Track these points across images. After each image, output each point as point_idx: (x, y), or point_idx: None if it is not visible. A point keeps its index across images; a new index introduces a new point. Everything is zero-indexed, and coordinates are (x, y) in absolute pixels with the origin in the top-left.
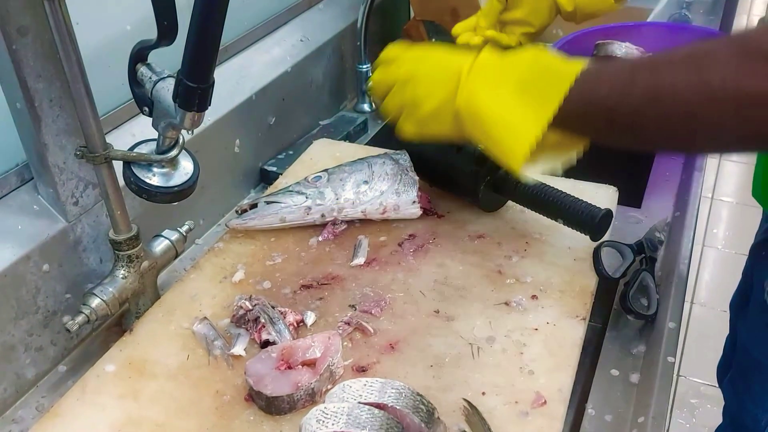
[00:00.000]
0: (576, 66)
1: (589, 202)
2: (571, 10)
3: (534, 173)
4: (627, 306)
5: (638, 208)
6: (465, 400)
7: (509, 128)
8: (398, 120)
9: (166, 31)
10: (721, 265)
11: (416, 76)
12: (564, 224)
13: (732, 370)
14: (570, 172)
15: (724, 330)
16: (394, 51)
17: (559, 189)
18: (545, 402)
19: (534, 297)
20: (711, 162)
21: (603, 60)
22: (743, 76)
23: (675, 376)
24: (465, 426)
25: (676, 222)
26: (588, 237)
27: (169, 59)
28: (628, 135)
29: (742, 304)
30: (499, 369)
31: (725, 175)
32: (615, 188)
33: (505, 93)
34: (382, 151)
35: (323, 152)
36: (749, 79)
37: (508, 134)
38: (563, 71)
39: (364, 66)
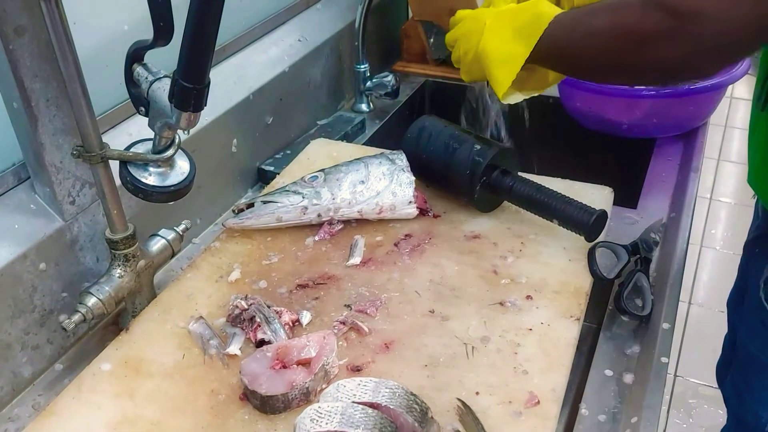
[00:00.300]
0: (552, 13)
1: (584, 203)
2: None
3: (515, 99)
4: (621, 306)
5: (634, 208)
6: (459, 399)
7: (498, 62)
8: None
9: (163, 31)
10: (719, 265)
11: (464, 34)
12: (559, 225)
13: (732, 368)
14: (566, 173)
15: (722, 330)
16: (459, 14)
17: (555, 190)
18: (539, 402)
19: (529, 297)
20: (710, 162)
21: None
22: (641, 18)
23: (672, 376)
24: (459, 425)
25: (671, 223)
26: (583, 238)
27: (164, 59)
28: (575, 67)
29: (738, 301)
30: (493, 369)
31: (724, 176)
32: (611, 189)
33: (505, 37)
34: (378, 151)
35: (320, 152)
36: (644, 21)
37: (497, 67)
38: (542, 18)
39: (362, 66)
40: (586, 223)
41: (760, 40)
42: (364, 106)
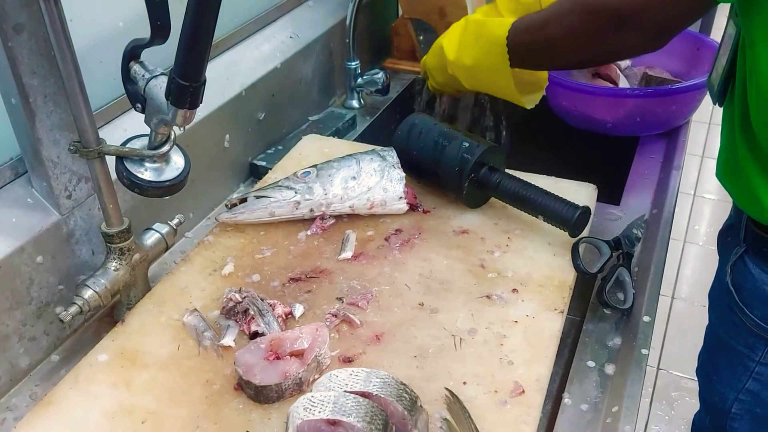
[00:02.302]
0: (500, 31)
1: (568, 199)
2: None
3: (533, 101)
4: (604, 300)
5: (617, 205)
6: (447, 389)
7: (500, 88)
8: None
9: (160, 30)
10: (702, 260)
11: (432, 50)
12: (544, 221)
13: (702, 353)
14: (552, 170)
15: (704, 324)
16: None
17: (540, 187)
18: (523, 391)
19: (515, 291)
20: (693, 159)
21: None
22: (587, 28)
23: (655, 369)
24: (446, 414)
25: (653, 219)
26: (567, 233)
27: (160, 56)
28: (545, 66)
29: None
30: (480, 360)
31: (707, 173)
32: (594, 186)
33: (484, 64)
34: (370, 147)
35: (312, 148)
36: (581, 26)
37: (501, 91)
38: (496, 39)
39: (353, 63)
40: (569, 219)
41: (691, 16)
42: (355, 103)
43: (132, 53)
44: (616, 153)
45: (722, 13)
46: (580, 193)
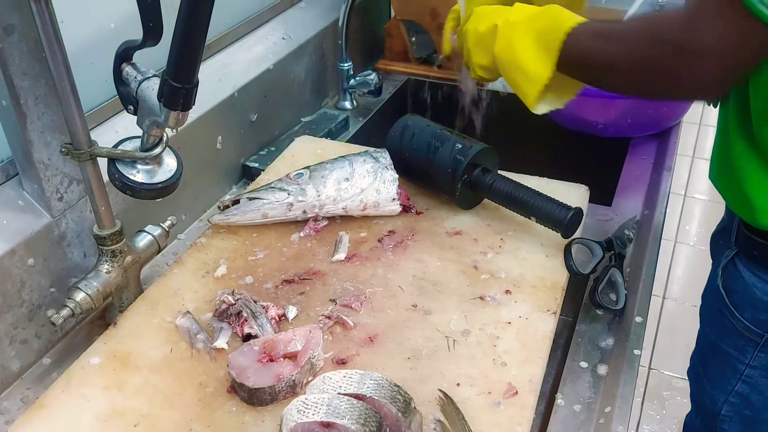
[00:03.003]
0: (568, 23)
1: (560, 200)
2: None
3: (544, 109)
4: (596, 301)
5: (609, 206)
6: (440, 390)
7: (525, 75)
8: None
9: (152, 32)
10: (693, 260)
11: (477, 32)
12: (537, 222)
13: (693, 355)
14: (544, 172)
15: (696, 324)
16: (474, 9)
17: (533, 188)
18: (516, 392)
19: (508, 292)
20: (684, 160)
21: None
22: (646, 50)
23: (647, 369)
24: (440, 415)
25: (644, 220)
26: (560, 234)
27: (152, 58)
28: (591, 80)
29: None
30: (473, 361)
31: (698, 173)
32: (586, 187)
33: (527, 46)
34: (363, 148)
35: (305, 149)
36: (647, 53)
37: (524, 80)
38: (560, 27)
39: (346, 64)
40: (562, 220)
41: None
42: (347, 104)
43: (124, 55)
44: (607, 154)
45: None
46: (572, 194)
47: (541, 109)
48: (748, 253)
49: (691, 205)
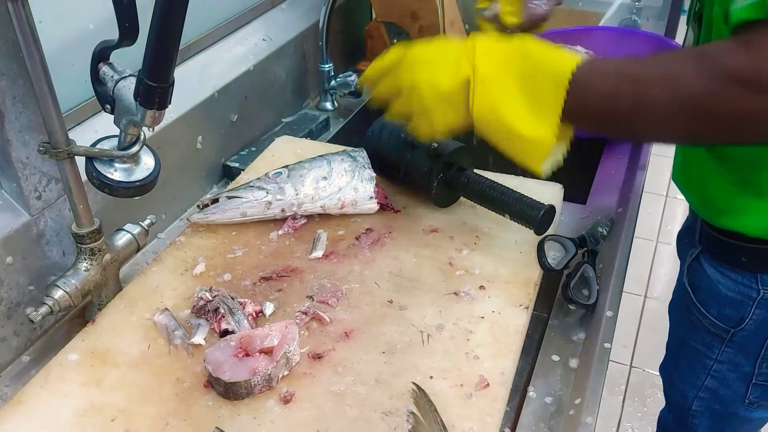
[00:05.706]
0: (567, 65)
1: (534, 198)
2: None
3: (550, 166)
4: (569, 296)
5: (584, 204)
6: (414, 384)
7: (523, 141)
8: (410, 124)
9: (128, 32)
10: (674, 260)
11: (419, 83)
12: (511, 219)
13: (666, 352)
14: (520, 170)
15: None
16: (394, 55)
17: (507, 186)
18: (488, 384)
19: (482, 287)
20: (665, 161)
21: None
22: (710, 95)
23: (628, 367)
24: (414, 408)
25: (618, 217)
26: (533, 231)
27: (130, 58)
28: (617, 133)
29: None
30: (446, 355)
31: None
32: (560, 186)
33: (513, 98)
34: (341, 148)
35: (285, 149)
36: (713, 98)
37: (523, 145)
38: (558, 72)
39: (326, 65)
40: (535, 218)
41: None
42: (328, 105)
43: (101, 54)
44: (583, 154)
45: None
46: (546, 192)
47: (548, 169)
48: (711, 250)
49: (672, 206)
